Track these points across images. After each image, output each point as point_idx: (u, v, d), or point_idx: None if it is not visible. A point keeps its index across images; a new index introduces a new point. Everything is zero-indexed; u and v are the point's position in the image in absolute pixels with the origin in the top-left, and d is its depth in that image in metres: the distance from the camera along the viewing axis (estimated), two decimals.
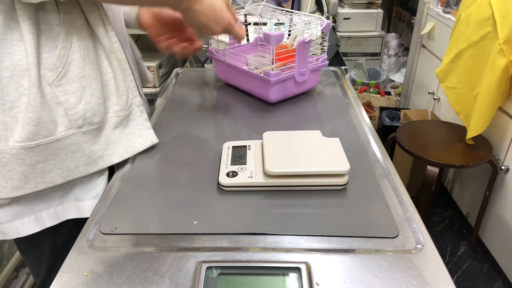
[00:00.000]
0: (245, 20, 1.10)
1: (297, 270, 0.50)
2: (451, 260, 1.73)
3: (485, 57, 1.45)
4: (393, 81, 3.10)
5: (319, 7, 1.71)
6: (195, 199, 0.63)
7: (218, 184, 0.65)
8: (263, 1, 0.96)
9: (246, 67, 0.97)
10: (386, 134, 1.96)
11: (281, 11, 0.97)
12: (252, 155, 0.70)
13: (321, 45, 1.01)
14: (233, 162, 0.68)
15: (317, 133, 0.74)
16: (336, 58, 1.71)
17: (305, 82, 0.96)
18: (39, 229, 0.69)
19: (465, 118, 1.58)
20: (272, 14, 0.95)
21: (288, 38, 1.00)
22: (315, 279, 0.49)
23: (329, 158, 0.66)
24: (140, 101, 0.74)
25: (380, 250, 0.53)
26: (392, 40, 3.14)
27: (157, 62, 2.10)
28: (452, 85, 1.64)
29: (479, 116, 1.46)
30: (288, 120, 0.88)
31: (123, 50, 0.70)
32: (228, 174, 0.65)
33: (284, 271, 0.50)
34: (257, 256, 0.52)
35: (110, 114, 0.69)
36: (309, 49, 0.91)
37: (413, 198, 0.69)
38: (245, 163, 0.68)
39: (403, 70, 3.06)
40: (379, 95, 2.59)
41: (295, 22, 0.94)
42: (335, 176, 0.64)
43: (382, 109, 2.41)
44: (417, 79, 2.45)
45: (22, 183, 0.62)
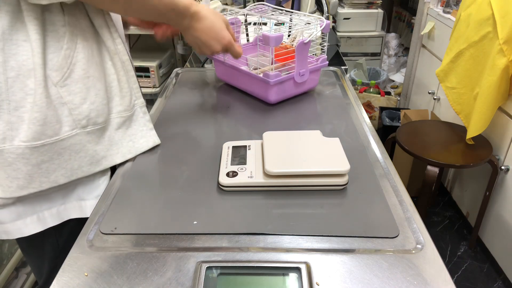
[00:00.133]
0: (245, 20, 1.10)
1: (297, 270, 0.50)
2: (451, 260, 1.73)
3: (485, 57, 1.45)
4: (393, 81, 3.10)
5: (319, 7, 1.71)
6: (195, 199, 0.63)
7: (218, 184, 0.65)
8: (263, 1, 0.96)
9: (246, 68, 0.97)
10: (386, 134, 1.96)
11: (281, 11, 0.97)
12: (252, 155, 0.70)
13: (321, 45, 1.01)
14: (233, 162, 0.69)
15: (317, 133, 0.74)
16: (336, 58, 1.71)
17: (305, 83, 0.96)
18: (42, 229, 0.69)
19: (465, 118, 1.58)
20: (272, 14, 0.95)
21: (288, 38, 1.00)
22: (315, 279, 0.49)
23: (329, 158, 0.66)
24: (143, 102, 0.75)
25: (380, 250, 0.53)
26: (392, 40, 3.14)
27: (157, 62, 2.09)
28: (452, 85, 1.64)
29: (479, 116, 1.46)
30: (288, 120, 0.88)
31: (126, 51, 0.71)
32: (228, 174, 0.65)
33: (284, 271, 0.50)
34: (257, 256, 0.52)
35: (113, 115, 0.70)
36: (309, 50, 0.91)
37: (413, 198, 0.69)
38: (245, 163, 0.68)
39: (403, 70, 3.06)
40: (379, 95, 2.59)
41: (295, 23, 0.94)
42: (335, 176, 0.64)
43: (382, 109, 2.41)
44: (417, 79, 2.45)
45: (27, 183, 0.63)
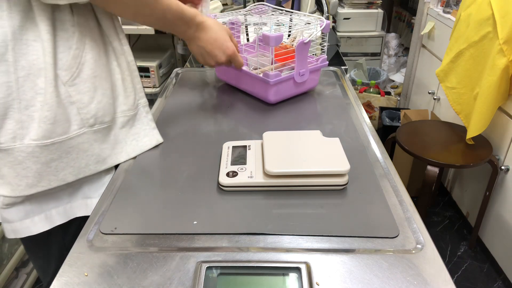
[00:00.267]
0: (245, 20, 1.10)
1: (297, 270, 0.50)
2: (451, 260, 1.73)
3: (485, 57, 1.45)
4: (393, 81, 3.10)
5: (319, 7, 1.70)
6: (195, 199, 0.63)
7: (218, 184, 0.65)
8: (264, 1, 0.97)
9: (246, 68, 0.97)
10: (386, 134, 1.96)
11: (281, 11, 0.97)
12: (252, 155, 0.70)
13: (321, 45, 1.01)
14: (233, 162, 0.68)
15: (317, 133, 0.74)
16: (336, 58, 1.71)
17: (305, 83, 0.96)
18: (49, 227, 0.70)
19: (465, 118, 1.58)
20: (272, 14, 0.95)
21: (288, 38, 1.00)
22: (315, 279, 0.49)
23: (329, 158, 0.66)
24: (146, 102, 0.76)
25: (380, 250, 0.53)
26: (392, 40, 3.14)
27: (157, 62, 2.09)
28: (452, 85, 1.64)
29: (479, 116, 1.46)
30: (288, 120, 0.88)
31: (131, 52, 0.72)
32: (228, 174, 0.65)
33: (284, 271, 0.50)
34: (257, 256, 0.52)
35: (118, 114, 0.71)
36: (309, 50, 0.91)
37: (413, 198, 0.68)
38: (245, 163, 0.68)
39: (403, 70, 3.06)
40: (379, 95, 2.59)
41: (295, 23, 0.94)
42: (335, 176, 0.64)
43: (382, 109, 2.41)
44: (417, 79, 2.45)
45: (36, 181, 0.63)
